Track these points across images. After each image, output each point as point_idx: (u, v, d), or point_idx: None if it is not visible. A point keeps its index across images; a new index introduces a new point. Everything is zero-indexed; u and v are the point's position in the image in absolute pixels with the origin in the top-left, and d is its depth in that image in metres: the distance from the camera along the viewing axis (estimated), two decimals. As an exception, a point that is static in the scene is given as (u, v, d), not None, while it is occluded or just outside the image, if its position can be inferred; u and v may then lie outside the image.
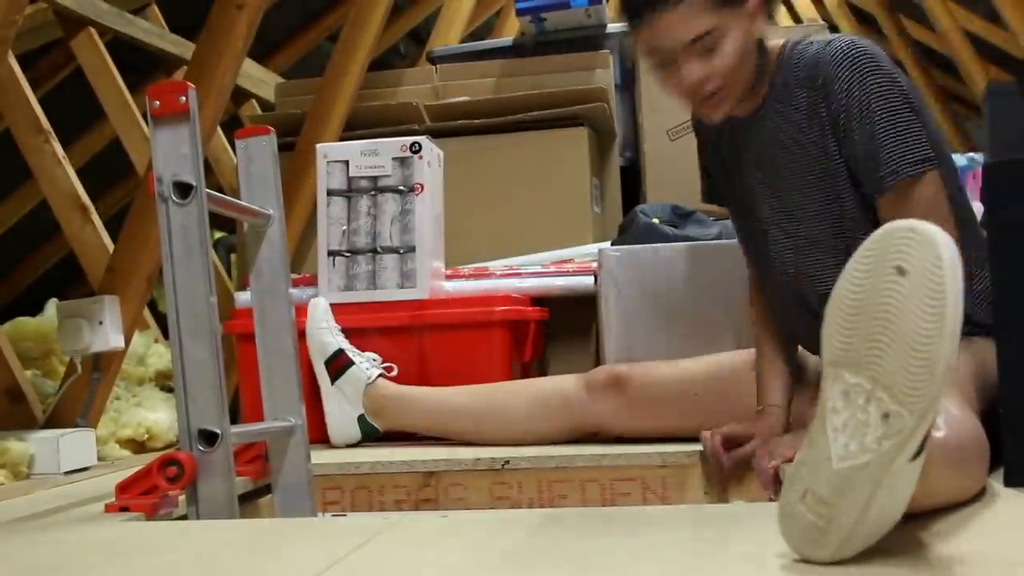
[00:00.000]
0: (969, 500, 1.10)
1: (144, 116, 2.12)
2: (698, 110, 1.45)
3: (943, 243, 0.79)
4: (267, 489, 1.52)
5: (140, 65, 2.95)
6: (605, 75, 2.67)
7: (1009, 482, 1.15)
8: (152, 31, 2.84)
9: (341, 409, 1.89)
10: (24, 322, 2.26)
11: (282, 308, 1.50)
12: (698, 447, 1.59)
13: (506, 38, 3.25)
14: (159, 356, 2.43)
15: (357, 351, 1.93)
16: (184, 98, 1.25)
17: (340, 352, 1.91)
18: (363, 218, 2.09)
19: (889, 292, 0.80)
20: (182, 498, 1.27)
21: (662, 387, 1.69)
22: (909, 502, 0.90)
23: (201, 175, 1.25)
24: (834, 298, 0.84)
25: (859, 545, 0.83)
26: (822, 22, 4.35)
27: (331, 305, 1.98)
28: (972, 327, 1.20)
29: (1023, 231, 1.18)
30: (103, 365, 1.86)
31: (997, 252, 1.21)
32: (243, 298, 2.19)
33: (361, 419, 1.88)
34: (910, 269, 0.79)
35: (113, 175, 3.34)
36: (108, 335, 1.82)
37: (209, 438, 1.23)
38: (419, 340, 2.01)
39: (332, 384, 1.90)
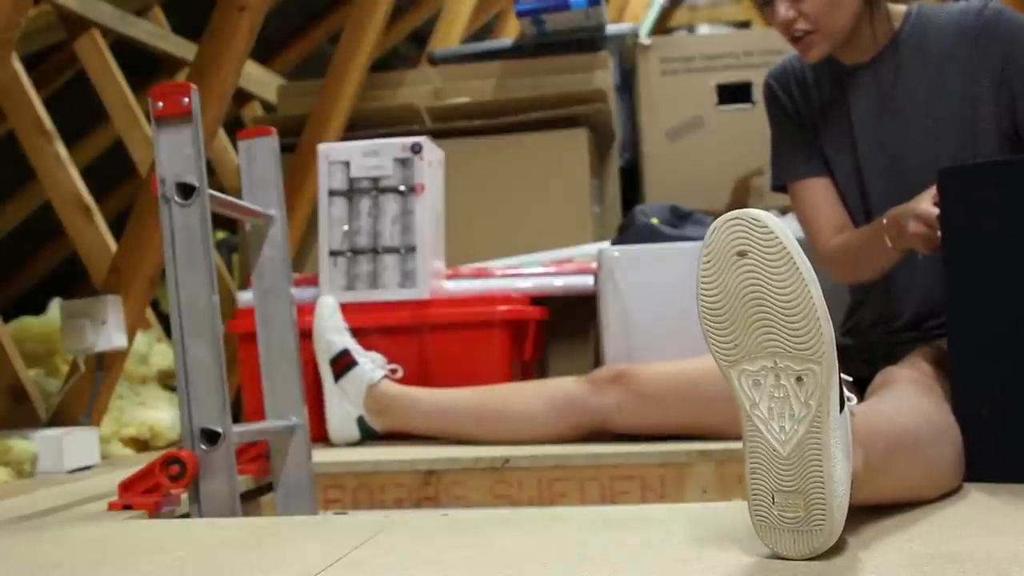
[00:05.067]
0: (950, 495, 1.12)
1: (147, 117, 2.14)
2: (796, 51, 1.55)
3: (760, 213, 0.84)
4: (269, 487, 1.53)
5: (143, 67, 2.96)
6: (604, 76, 2.68)
7: (965, 476, 1.18)
8: (155, 33, 2.85)
9: (342, 408, 1.90)
10: (28, 322, 2.27)
11: (284, 308, 1.51)
12: (698, 445, 1.61)
13: (506, 39, 3.26)
14: (162, 355, 2.44)
15: (363, 351, 1.94)
16: (187, 99, 1.26)
17: (345, 352, 1.92)
18: (364, 218, 2.11)
19: (741, 276, 0.85)
20: (184, 496, 1.28)
21: (665, 382, 1.70)
22: (873, 491, 0.94)
23: (203, 176, 1.26)
24: (700, 311, 0.88)
25: (842, 515, 0.84)
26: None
27: (332, 305, 1.99)
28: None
29: (975, 234, 1.20)
30: (106, 364, 1.87)
31: (951, 255, 1.23)
32: (245, 298, 2.20)
33: (360, 420, 1.89)
34: (748, 248, 0.84)
35: (116, 176, 3.35)
36: (111, 334, 1.83)
37: (211, 437, 1.24)
38: (420, 340, 2.02)
39: (335, 383, 1.91)
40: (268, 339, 1.51)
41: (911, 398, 1.20)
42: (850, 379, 0.98)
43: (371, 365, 1.91)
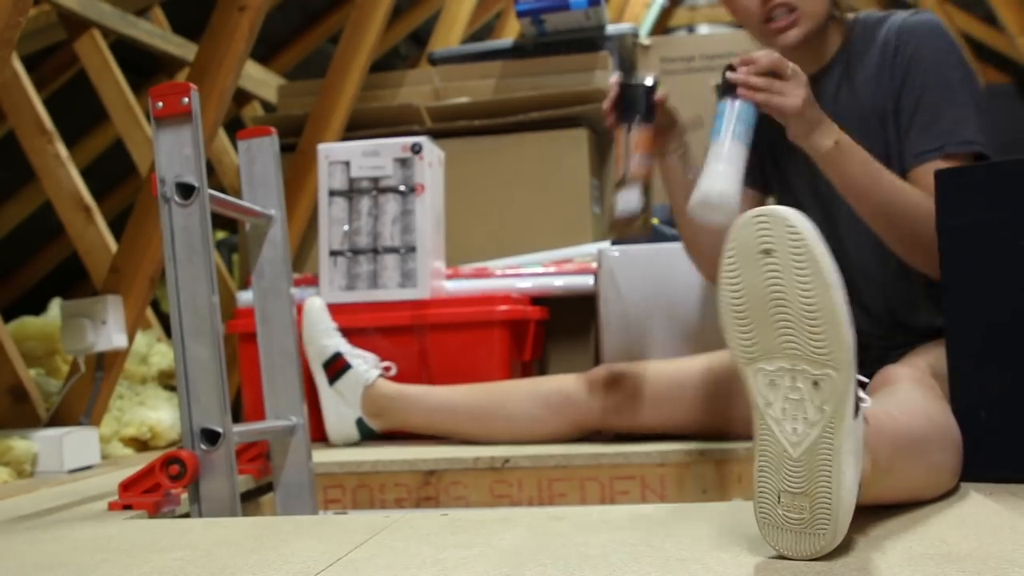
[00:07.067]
0: (948, 495, 1.12)
1: (147, 117, 2.14)
2: (765, 35, 1.45)
3: (788, 211, 0.83)
4: (269, 487, 1.53)
5: (143, 67, 2.96)
6: (605, 76, 2.68)
7: (963, 476, 1.18)
8: (155, 33, 2.85)
9: (339, 411, 1.89)
10: (28, 321, 2.27)
11: (284, 308, 1.51)
12: (698, 445, 1.61)
13: (506, 39, 3.26)
14: (162, 355, 2.44)
15: (355, 351, 1.93)
16: (186, 99, 1.26)
17: (338, 355, 1.91)
18: (364, 218, 2.11)
19: (766, 275, 0.84)
20: (184, 496, 1.28)
21: (661, 382, 1.70)
22: (878, 492, 0.94)
23: (203, 176, 1.26)
24: (721, 306, 0.87)
25: (847, 520, 0.84)
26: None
27: (332, 305, 1.98)
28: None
29: (972, 236, 1.21)
30: (106, 364, 1.87)
31: (948, 256, 1.23)
32: (245, 298, 2.20)
33: (359, 422, 1.89)
34: (773, 246, 0.83)
35: (116, 176, 3.35)
36: (111, 334, 1.83)
37: (211, 437, 1.24)
38: (420, 340, 2.02)
39: (330, 386, 1.90)
40: (268, 339, 1.51)
41: (915, 398, 1.19)
42: (866, 380, 0.96)
43: (365, 366, 1.90)
